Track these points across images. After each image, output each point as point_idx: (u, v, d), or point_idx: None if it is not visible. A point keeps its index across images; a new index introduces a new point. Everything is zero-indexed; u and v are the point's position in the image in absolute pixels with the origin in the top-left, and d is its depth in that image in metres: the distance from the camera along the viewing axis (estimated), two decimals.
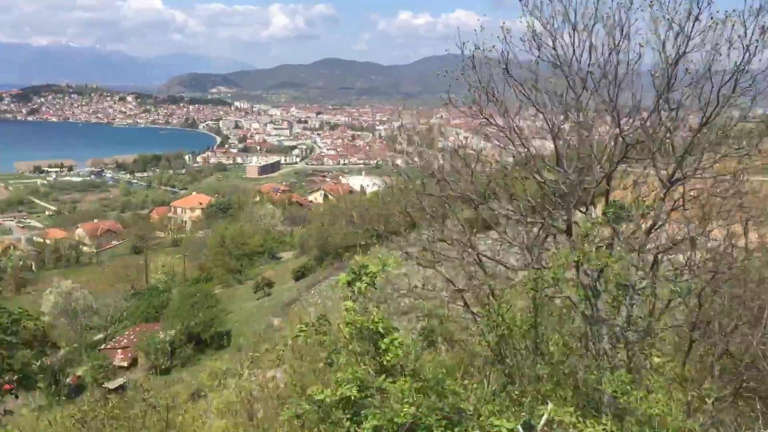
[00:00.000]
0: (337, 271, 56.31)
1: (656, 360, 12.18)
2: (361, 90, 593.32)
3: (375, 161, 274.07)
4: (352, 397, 6.34)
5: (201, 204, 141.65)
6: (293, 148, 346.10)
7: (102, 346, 58.97)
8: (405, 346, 6.78)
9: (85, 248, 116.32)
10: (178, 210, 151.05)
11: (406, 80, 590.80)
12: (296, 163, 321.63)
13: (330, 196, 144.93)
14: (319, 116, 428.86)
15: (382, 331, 6.64)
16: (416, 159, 10.98)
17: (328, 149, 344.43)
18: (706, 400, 13.03)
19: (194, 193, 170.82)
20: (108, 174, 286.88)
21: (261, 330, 47.52)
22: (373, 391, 6.45)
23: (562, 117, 9.53)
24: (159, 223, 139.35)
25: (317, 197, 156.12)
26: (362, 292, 6.70)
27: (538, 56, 9.26)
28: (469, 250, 11.56)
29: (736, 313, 12.74)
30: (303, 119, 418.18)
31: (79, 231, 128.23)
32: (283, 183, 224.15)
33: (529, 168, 9.58)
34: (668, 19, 8.62)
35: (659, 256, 10.68)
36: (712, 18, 8.56)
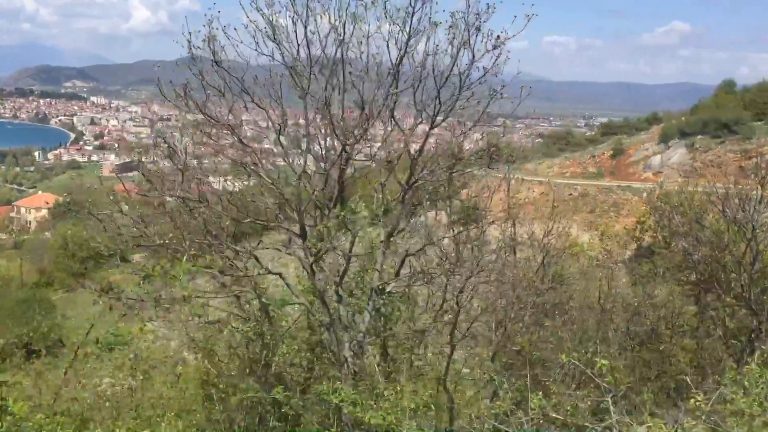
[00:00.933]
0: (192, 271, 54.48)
1: (419, 363, 12.27)
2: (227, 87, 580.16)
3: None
4: None
5: (47, 203, 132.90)
6: (155, 146, 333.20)
7: None
8: None
9: None
10: (22, 210, 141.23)
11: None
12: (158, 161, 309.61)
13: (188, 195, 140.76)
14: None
15: None
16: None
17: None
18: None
19: (40, 192, 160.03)
20: None
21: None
22: None
23: (282, 115, 9.26)
24: (0, 223, 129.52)
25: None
26: None
27: (257, 49, 8.93)
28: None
29: (503, 313, 13.11)
30: (166, 117, 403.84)
31: None
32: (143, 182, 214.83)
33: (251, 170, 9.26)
34: (391, 17, 8.53)
35: (407, 258, 10.65)
36: (430, 19, 8.56)
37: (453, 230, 11.94)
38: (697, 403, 6.07)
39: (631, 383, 10.41)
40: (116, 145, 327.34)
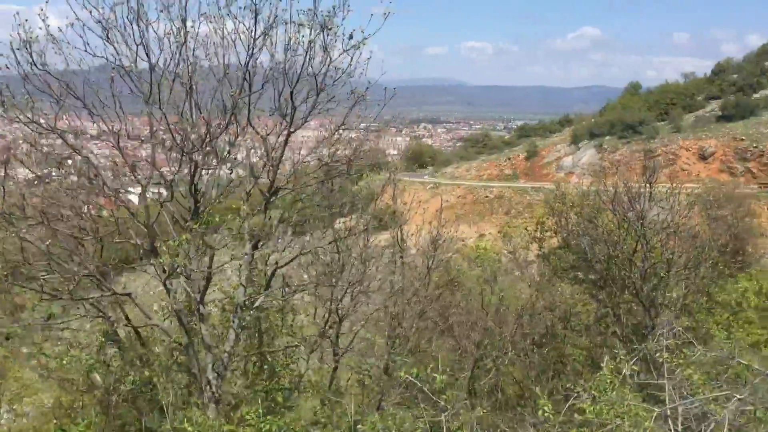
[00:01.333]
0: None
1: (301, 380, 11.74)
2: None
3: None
4: None
5: None
6: (68, 158, 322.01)
7: None
8: None
9: None
10: None
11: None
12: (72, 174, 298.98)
13: (106, 211, 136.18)
14: (97, 125, 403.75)
15: None
16: None
17: (108, 161, 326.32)
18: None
19: None
20: None
21: None
22: None
23: (120, 124, 8.64)
24: None
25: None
26: None
27: (86, 50, 8.28)
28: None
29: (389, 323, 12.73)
30: (81, 128, 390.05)
31: None
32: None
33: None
34: (235, 17, 8.03)
35: (276, 271, 10.10)
36: (275, 18, 8.10)
37: (335, 239, 11.46)
38: (546, 414, 5.78)
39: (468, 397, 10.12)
40: (25, 159, 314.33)
